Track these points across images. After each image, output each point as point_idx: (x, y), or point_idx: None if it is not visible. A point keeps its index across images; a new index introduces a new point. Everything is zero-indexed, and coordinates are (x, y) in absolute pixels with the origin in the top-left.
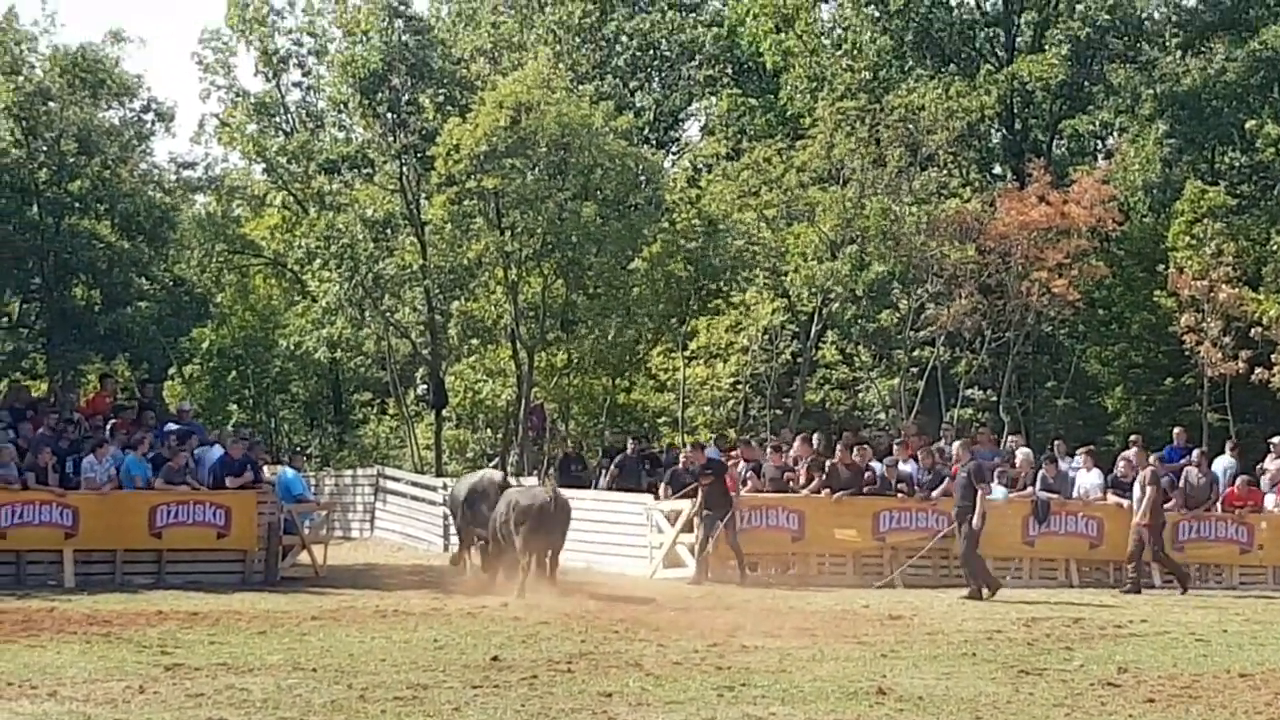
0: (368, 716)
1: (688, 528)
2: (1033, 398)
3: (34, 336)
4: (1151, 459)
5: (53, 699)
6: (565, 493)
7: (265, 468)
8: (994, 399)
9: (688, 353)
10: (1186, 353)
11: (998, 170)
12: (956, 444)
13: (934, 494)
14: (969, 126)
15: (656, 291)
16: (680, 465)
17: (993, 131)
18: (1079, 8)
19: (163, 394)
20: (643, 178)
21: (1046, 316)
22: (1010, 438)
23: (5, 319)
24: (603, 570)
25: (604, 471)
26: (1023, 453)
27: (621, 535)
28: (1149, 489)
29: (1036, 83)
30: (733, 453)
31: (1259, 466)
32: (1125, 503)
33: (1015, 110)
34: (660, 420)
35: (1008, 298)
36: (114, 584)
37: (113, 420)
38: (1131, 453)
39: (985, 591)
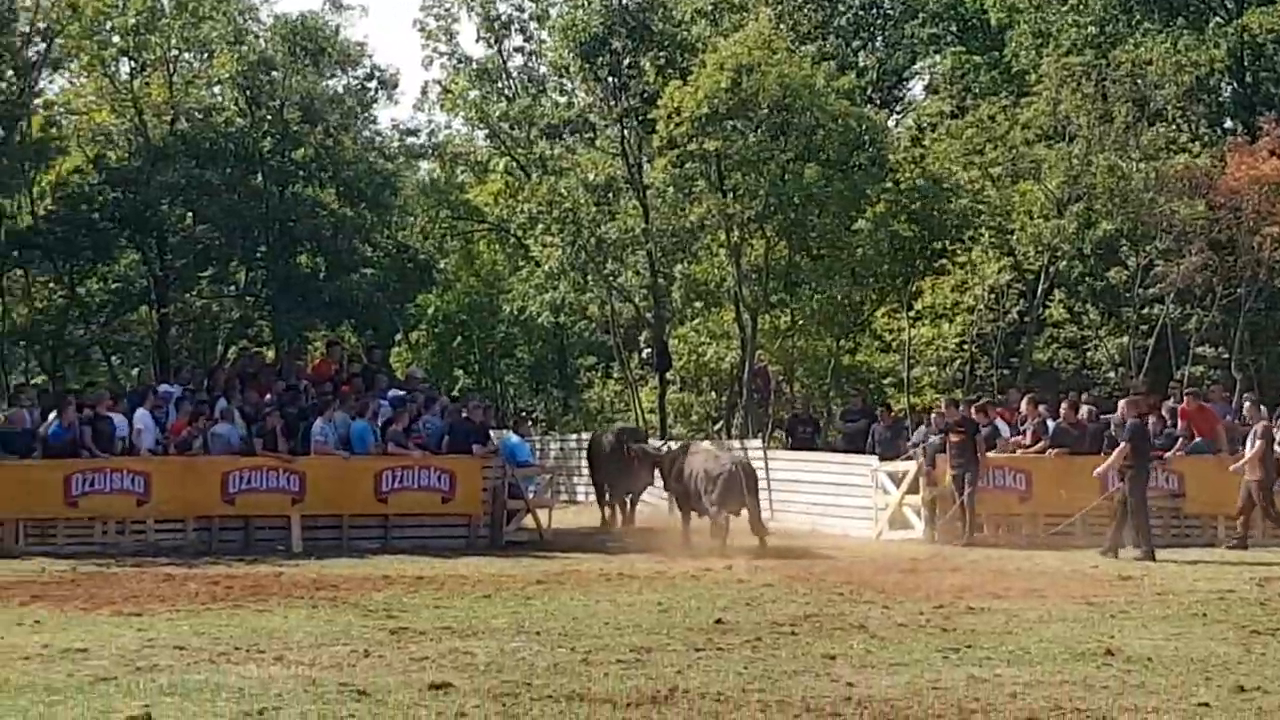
0: (591, 679)
1: (913, 488)
2: (1265, 355)
3: (260, 304)
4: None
5: (279, 663)
6: (792, 455)
7: (490, 433)
8: (1225, 356)
9: (913, 313)
10: None
11: (1228, 125)
12: (1246, 403)
13: (1167, 455)
14: (1198, 81)
15: (881, 252)
16: (931, 423)
17: (1223, 85)
18: None
19: (389, 360)
20: (866, 138)
21: (1279, 272)
22: (1244, 396)
23: (232, 287)
24: (827, 532)
25: (842, 432)
26: (1248, 407)
27: (847, 497)
28: (1258, 443)
29: (1268, 35)
30: (984, 411)
31: None
32: None
33: (1245, 63)
34: (886, 382)
35: (1239, 253)
36: (340, 549)
37: (341, 385)
38: (1246, 406)
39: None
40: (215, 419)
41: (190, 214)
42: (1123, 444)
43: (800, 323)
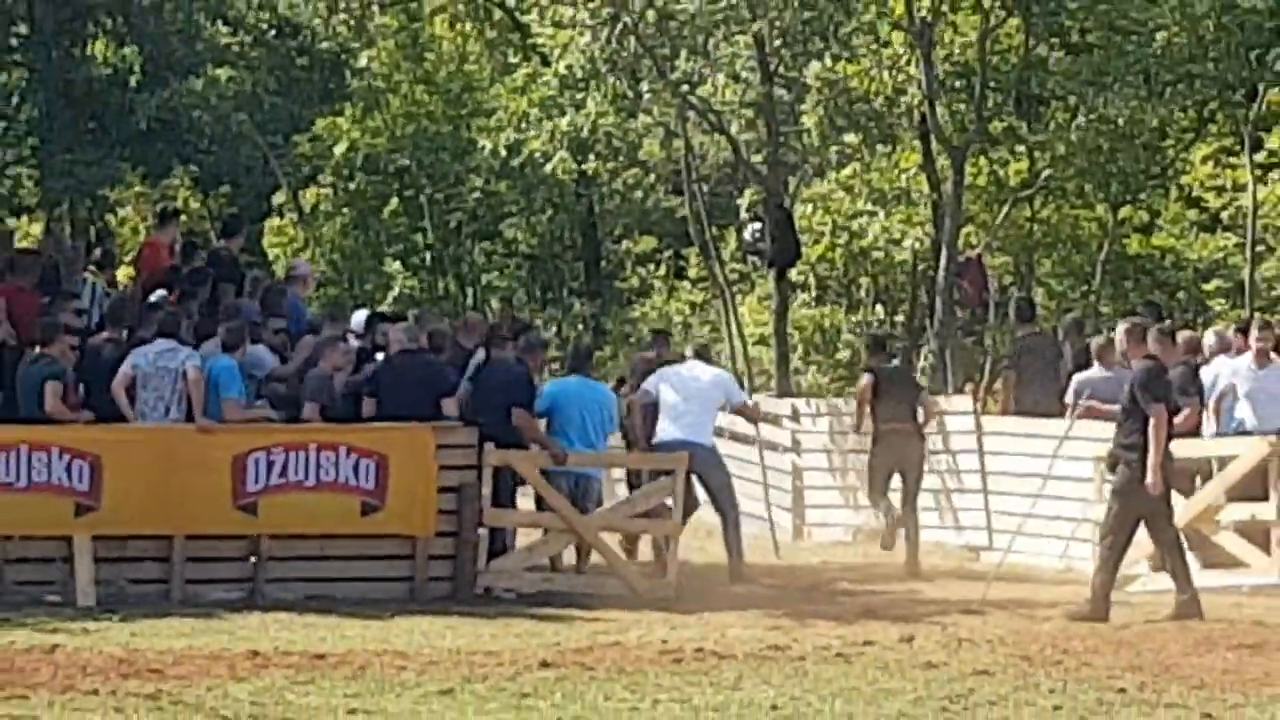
0: None
1: (1252, 491)
2: None
3: (18, 137)
4: None
5: None
6: (1025, 422)
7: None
8: None
9: (1261, 156)
10: None
11: None
12: None
13: None
14: None
15: (1202, 38)
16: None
17: None
18: None
19: (261, 243)
20: None
21: None
22: None
23: None
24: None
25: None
26: None
27: None
28: None
29: None
30: None
31: None
32: None
33: None
34: (1209, 286)
35: None
36: (169, 600)
37: (164, 293)
38: None
39: None
40: None
41: None
42: None
43: (1046, 174)
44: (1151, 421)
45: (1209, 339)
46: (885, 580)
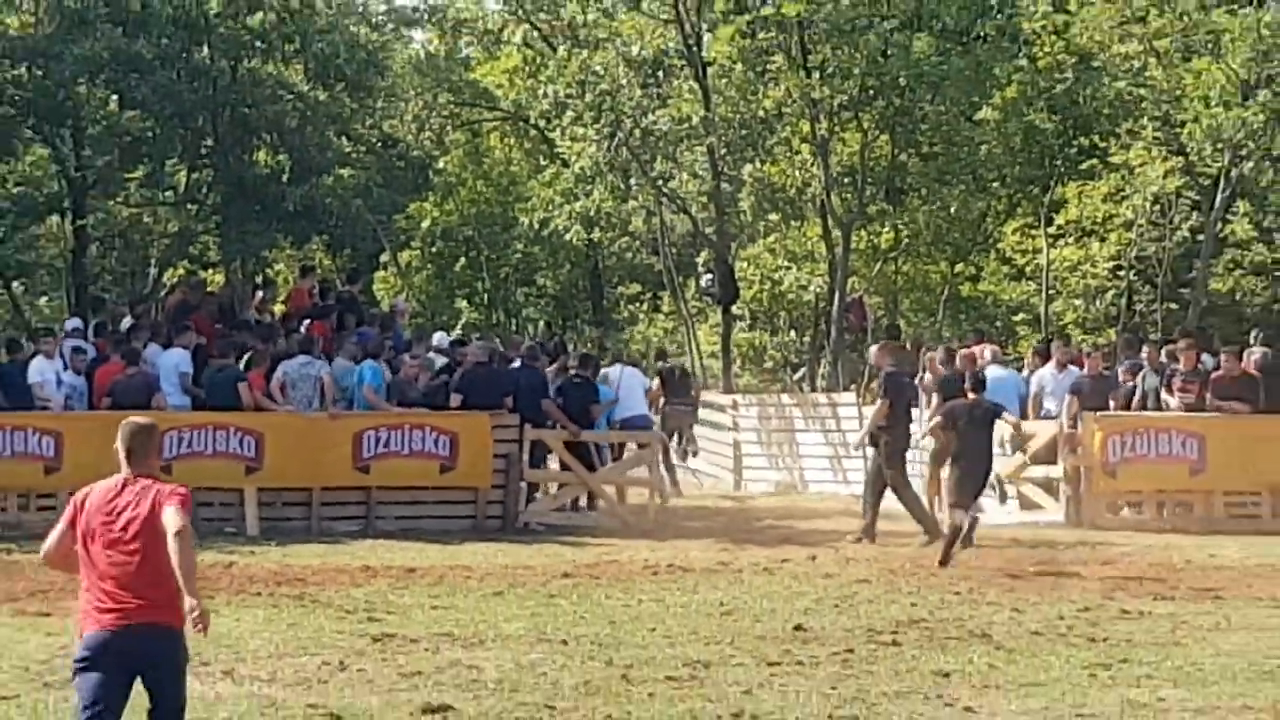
0: (632, 702)
1: (1046, 457)
2: None
3: (206, 215)
4: None
5: (229, 678)
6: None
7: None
8: None
9: (1053, 229)
10: None
11: None
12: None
13: None
14: None
15: (1012, 149)
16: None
17: None
18: None
19: (372, 288)
20: (993, 2)
21: None
22: None
23: (169, 192)
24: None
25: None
26: None
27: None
28: None
29: None
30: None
31: None
32: None
33: None
34: (1017, 318)
35: None
36: (309, 532)
37: (309, 319)
38: None
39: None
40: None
41: (115, 96)
42: None
43: (906, 241)
44: (876, 409)
45: (986, 354)
46: (797, 518)
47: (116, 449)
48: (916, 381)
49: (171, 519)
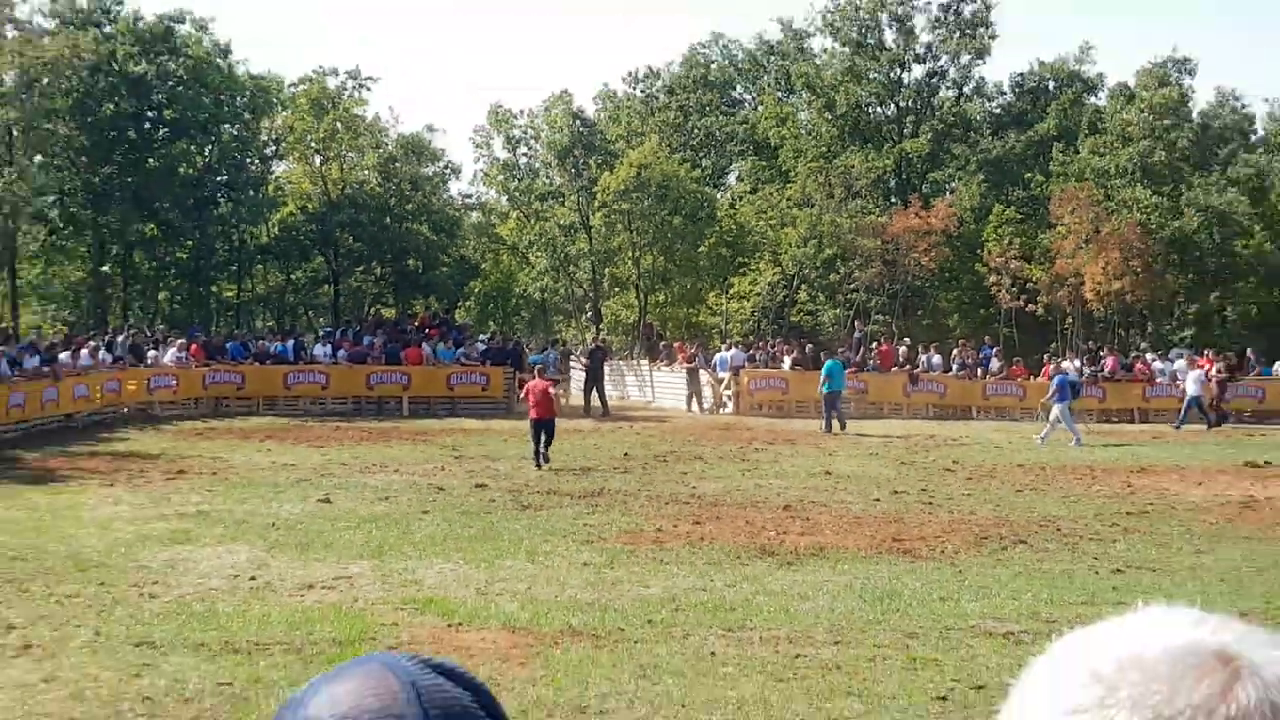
0: (560, 484)
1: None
2: (913, 321)
3: (386, 286)
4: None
5: (396, 473)
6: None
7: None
8: (889, 321)
9: (729, 295)
10: (991, 295)
11: (894, 200)
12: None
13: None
14: (878, 177)
15: (713, 262)
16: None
17: (891, 178)
18: (938, 112)
19: (454, 315)
20: (705, 203)
21: (917, 276)
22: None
23: (372, 277)
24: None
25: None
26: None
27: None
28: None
29: (915, 153)
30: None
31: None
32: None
33: (903, 166)
34: (714, 331)
35: (898, 269)
36: (428, 414)
37: (430, 329)
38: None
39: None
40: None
41: (351, 237)
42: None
43: (671, 299)
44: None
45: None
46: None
47: None
48: None
49: None
